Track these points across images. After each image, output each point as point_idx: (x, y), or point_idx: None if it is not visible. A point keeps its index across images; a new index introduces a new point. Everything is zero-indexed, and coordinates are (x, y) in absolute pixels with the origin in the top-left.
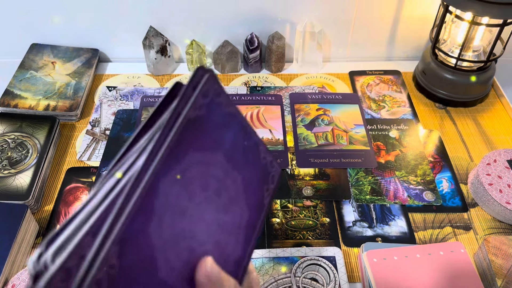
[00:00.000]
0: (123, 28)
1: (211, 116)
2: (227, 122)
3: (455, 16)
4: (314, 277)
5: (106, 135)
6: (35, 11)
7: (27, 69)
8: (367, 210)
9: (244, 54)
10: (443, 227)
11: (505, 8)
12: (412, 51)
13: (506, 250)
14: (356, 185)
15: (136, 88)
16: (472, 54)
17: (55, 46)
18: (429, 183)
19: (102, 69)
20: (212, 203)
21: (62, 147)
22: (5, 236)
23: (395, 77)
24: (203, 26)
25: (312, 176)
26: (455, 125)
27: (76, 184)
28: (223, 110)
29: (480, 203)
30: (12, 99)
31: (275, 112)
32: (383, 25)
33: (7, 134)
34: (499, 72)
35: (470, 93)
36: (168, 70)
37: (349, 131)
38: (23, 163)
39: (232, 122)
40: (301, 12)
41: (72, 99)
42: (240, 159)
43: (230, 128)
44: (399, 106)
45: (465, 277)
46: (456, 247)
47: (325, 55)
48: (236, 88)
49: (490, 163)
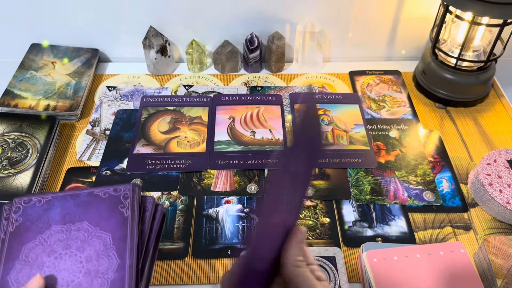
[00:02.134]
0: (123, 28)
1: (28, 216)
2: (47, 209)
3: (455, 16)
4: None
5: (106, 135)
6: (35, 11)
7: (27, 69)
8: (367, 210)
9: (244, 54)
10: (443, 227)
11: (505, 8)
12: (412, 51)
13: (506, 250)
14: (356, 185)
15: (136, 88)
16: (472, 54)
17: (55, 46)
18: (429, 183)
19: (102, 69)
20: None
21: (62, 147)
22: None
23: (395, 77)
24: (203, 26)
25: (312, 176)
26: (455, 125)
27: (76, 184)
28: (42, 208)
29: (480, 203)
30: (12, 99)
31: (275, 112)
32: (383, 25)
33: (7, 134)
34: (499, 72)
35: (470, 93)
36: (168, 70)
37: (349, 131)
38: (23, 163)
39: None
40: (301, 12)
41: (72, 99)
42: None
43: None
44: (399, 106)
45: (465, 277)
46: (456, 247)
47: (325, 55)
48: (236, 88)
49: (490, 163)
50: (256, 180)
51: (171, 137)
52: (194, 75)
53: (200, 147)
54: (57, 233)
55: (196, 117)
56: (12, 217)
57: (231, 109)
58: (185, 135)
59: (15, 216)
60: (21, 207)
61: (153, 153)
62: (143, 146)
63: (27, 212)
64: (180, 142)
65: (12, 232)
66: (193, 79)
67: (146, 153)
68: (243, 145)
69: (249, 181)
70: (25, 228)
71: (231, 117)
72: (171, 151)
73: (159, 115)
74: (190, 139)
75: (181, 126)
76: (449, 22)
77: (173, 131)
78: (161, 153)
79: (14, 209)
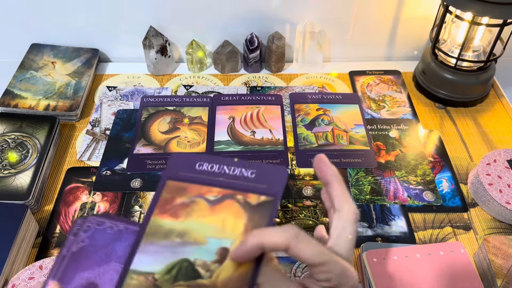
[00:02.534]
0: (123, 28)
1: (94, 241)
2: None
3: (455, 16)
4: None
5: (106, 135)
6: (35, 11)
7: (27, 69)
8: (367, 210)
9: (244, 54)
10: (443, 227)
11: (505, 8)
12: (412, 51)
13: (506, 250)
14: (356, 185)
15: (136, 88)
16: (472, 54)
17: (55, 46)
18: (429, 183)
19: (102, 69)
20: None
21: (62, 147)
22: (5, 236)
23: (395, 77)
24: (203, 26)
25: (312, 176)
26: (455, 125)
27: (76, 184)
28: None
29: (480, 203)
30: (12, 99)
31: (275, 112)
32: (383, 25)
33: (7, 134)
34: (499, 72)
35: (470, 93)
36: (168, 70)
37: (349, 131)
38: (23, 163)
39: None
40: (301, 12)
41: (72, 99)
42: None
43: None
44: (399, 106)
45: (465, 277)
46: (456, 247)
47: (325, 55)
48: (236, 88)
49: (490, 163)
50: None
51: (171, 137)
52: (194, 75)
53: (200, 147)
54: (113, 272)
55: (196, 117)
56: (81, 236)
57: (231, 109)
58: (185, 135)
59: (83, 236)
60: (92, 228)
61: (153, 153)
62: (143, 146)
63: (95, 236)
64: (180, 142)
65: (73, 253)
66: (193, 79)
67: (146, 153)
68: (243, 145)
69: None
70: (87, 254)
71: (231, 117)
72: (171, 151)
73: (159, 115)
74: (190, 139)
75: (181, 126)
76: (449, 22)
77: (173, 131)
78: (161, 153)
79: (85, 227)
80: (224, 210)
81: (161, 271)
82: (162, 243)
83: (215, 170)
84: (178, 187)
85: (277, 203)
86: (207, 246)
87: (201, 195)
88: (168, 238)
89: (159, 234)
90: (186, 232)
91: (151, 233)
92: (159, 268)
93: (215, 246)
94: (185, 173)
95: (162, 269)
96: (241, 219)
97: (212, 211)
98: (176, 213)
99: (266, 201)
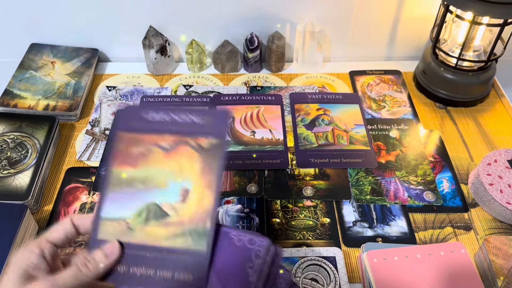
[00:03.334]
0: (123, 28)
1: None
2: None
3: (456, 15)
4: (315, 277)
5: (105, 135)
6: (35, 11)
7: (26, 69)
8: (368, 210)
9: (244, 54)
10: (444, 227)
11: (506, 8)
12: (412, 51)
13: (507, 250)
14: (356, 185)
15: (136, 88)
16: (473, 54)
17: (54, 46)
18: (429, 183)
19: (101, 69)
20: None
21: (61, 147)
22: (4, 236)
23: (396, 77)
24: (203, 26)
25: (312, 176)
26: (455, 125)
27: (76, 184)
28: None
29: (481, 203)
30: (12, 99)
31: (275, 112)
32: (383, 25)
33: (7, 134)
34: (500, 72)
35: (471, 93)
36: (168, 70)
37: (349, 131)
38: (23, 163)
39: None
40: (301, 12)
41: (72, 99)
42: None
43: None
44: (399, 106)
45: (466, 278)
46: (457, 247)
47: (325, 55)
48: (236, 88)
49: (490, 163)
50: (256, 180)
51: None
52: (194, 75)
53: None
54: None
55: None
56: None
57: (231, 109)
58: None
59: None
60: None
61: None
62: None
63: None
64: None
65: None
66: (193, 79)
67: None
68: (243, 145)
69: (249, 181)
70: None
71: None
72: None
73: None
74: None
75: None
76: (450, 22)
77: None
78: None
79: None
80: (179, 155)
81: (132, 216)
82: (127, 190)
83: (164, 119)
84: (131, 138)
85: (225, 144)
86: (169, 189)
87: (156, 143)
88: (132, 186)
89: (123, 183)
90: (147, 179)
91: (115, 183)
92: (129, 213)
93: (176, 188)
94: (135, 124)
95: (132, 214)
96: (196, 161)
97: (168, 157)
98: (135, 163)
99: (216, 144)
